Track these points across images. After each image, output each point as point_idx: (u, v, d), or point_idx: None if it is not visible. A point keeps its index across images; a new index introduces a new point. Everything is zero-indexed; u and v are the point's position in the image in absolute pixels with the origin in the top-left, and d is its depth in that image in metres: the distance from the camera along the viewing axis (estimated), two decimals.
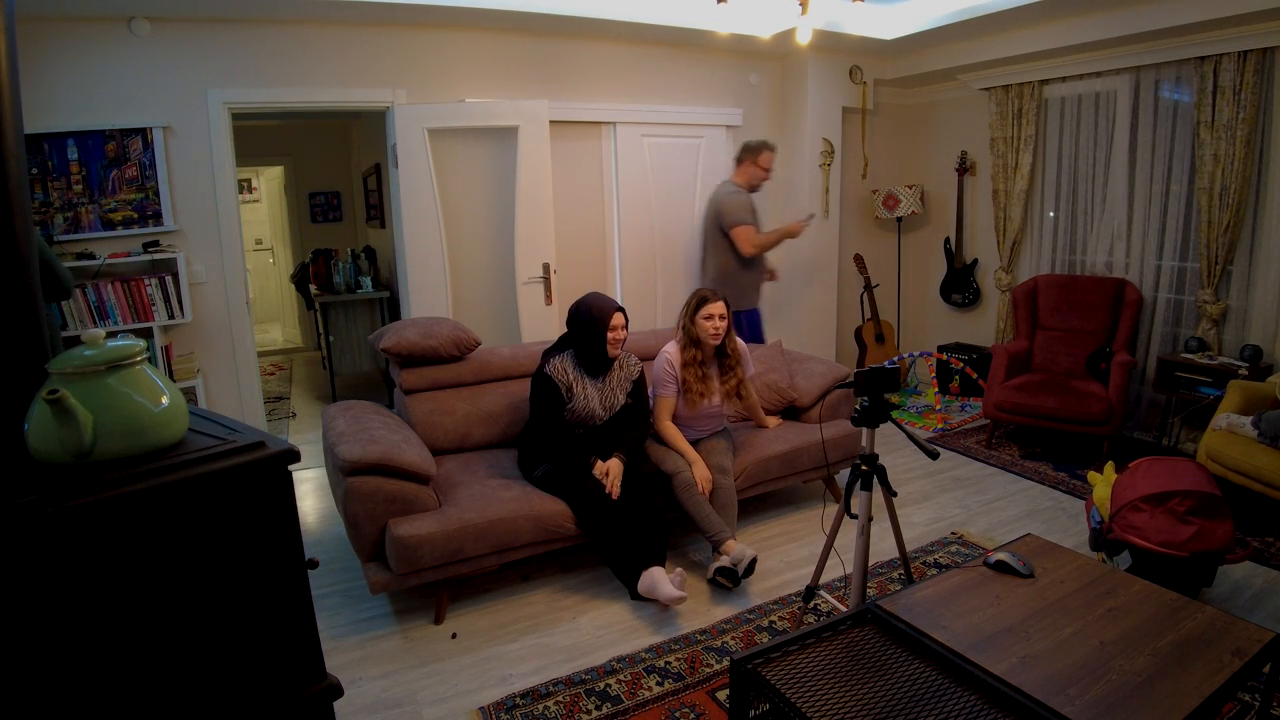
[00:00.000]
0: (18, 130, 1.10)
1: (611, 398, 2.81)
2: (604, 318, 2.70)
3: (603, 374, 2.81)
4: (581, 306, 2.77)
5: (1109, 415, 3.68)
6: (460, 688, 2.18)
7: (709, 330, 2.88)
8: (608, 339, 2.71)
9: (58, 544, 0.89)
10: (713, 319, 2.87)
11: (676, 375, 2.92)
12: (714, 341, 2.90)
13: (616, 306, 2.75)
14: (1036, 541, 2.16)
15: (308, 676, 1.18)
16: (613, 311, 2.72)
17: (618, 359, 2.83)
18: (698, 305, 2.91)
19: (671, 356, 2.93)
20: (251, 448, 1.06)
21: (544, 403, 2.74)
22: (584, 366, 2.77)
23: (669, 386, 2.93)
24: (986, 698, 1.48)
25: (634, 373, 2.89)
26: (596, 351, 2.73)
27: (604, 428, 2.81)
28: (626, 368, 2.88)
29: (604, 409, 2.79)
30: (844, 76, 4.95)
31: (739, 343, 3.04)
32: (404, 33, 3.86)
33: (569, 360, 2.77)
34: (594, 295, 2.80)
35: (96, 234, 3.40)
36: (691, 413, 2.97)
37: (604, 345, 2.71)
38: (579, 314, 2.76)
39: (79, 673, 0.93)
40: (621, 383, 2.85)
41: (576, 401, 2.74)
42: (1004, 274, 4.91)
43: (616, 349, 2.76)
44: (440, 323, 3.21)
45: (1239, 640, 1.63)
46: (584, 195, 4.53)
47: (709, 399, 2.95)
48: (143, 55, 3.39)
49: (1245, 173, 3.64)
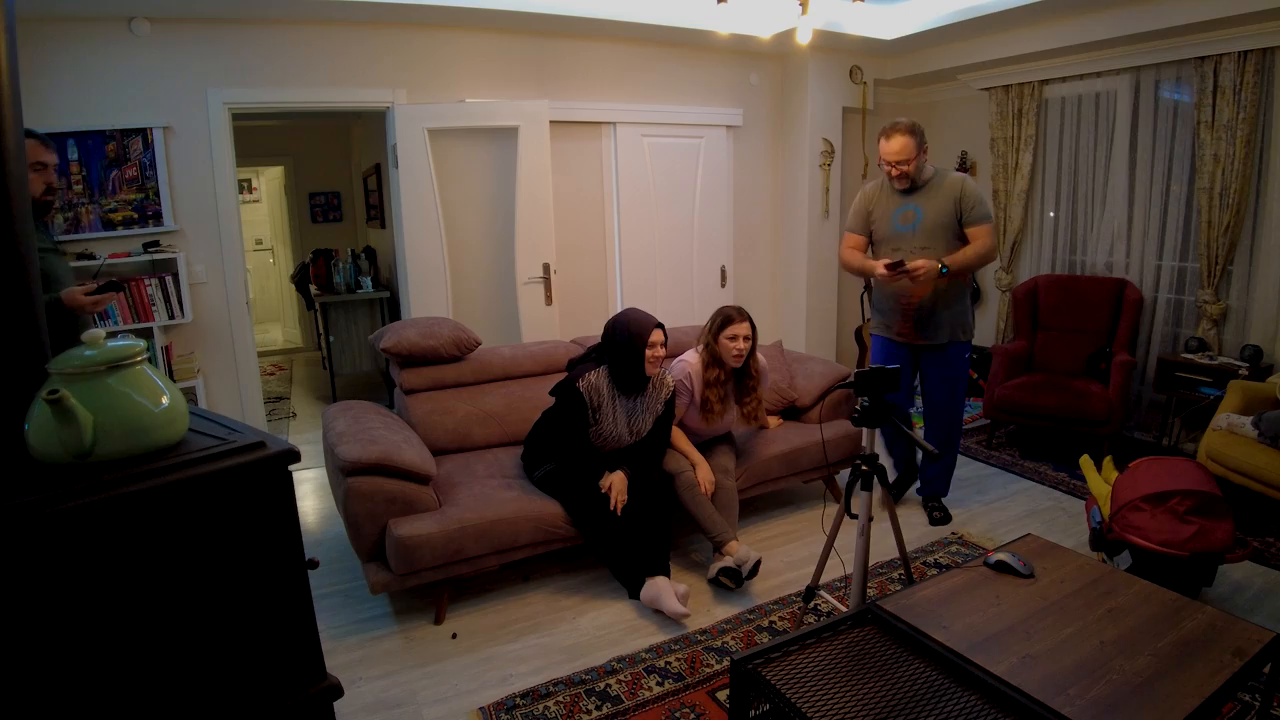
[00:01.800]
0: (18, 130, 1.10)
1: (640, 423, 2.71)
2: (643, 334, 2.59)
3: (638, 393, 2.71)
4: (620, 323, 2.65)
5: (1109, 415, 3.68)
6: (460, 688, 2.18)
7: (731, 351, 2.78)
8: (646, 357, 2.60)
9: (58, 544, 0.89)
10: (737, 340, 2.77)
11: (693, 389, 2.85)
12: (735, 364, 2.82)
13: (655, 323, 2.62)
14: (1037, 541, 2.16)
15: (308, 676, 1.18)
16: (652, 328, 2.60)
17: (654, 378, 2.74)
18: (722, 324, 2.80)
19: (692, 369, 2.86)
20: (251, 448, 1.06)
21: (569, 419, 2.62)
22: (618, 385, 2.67)
23: (683, 399, 2.87)
24: (987, 698, 1.48)
25: (666, 393, 2.78)
26: (634, 370, 2.62)
27: (627, 450, 2.73)
28: (662, 388, 2.76)
29: (631, 434, 2.71)
30: (844, 76, 4.95)
31: (761, 360, 2.95)
32: (404, 33, 3.87)
33: (604, 377, 2.66)
34: (632, 310, 2.69)
35: (97, 234, 3.40)
36: (708, 428, 2.94)
37: (642, 364, 2.61)
38: (616, 332, 2.64)
39: (79, 673, 0.93)
40: (652, 406, 2.74)
41: (604, 424, 2.65)
42: (1004, 274, 4.91)
43: (655, 367, 2.64)
44: (440, 323, 3.21)
45: (1239, 640, 1.63)
46: (584, 195, 4.53)
47: (726, 417, 2.92)
48: (143, 55, 3.39)
49: (1245, 173, 3.64)
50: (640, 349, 2.59)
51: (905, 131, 2.86)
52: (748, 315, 2.84)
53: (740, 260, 5.11)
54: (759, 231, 5.22)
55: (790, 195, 5.11)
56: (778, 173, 5.19)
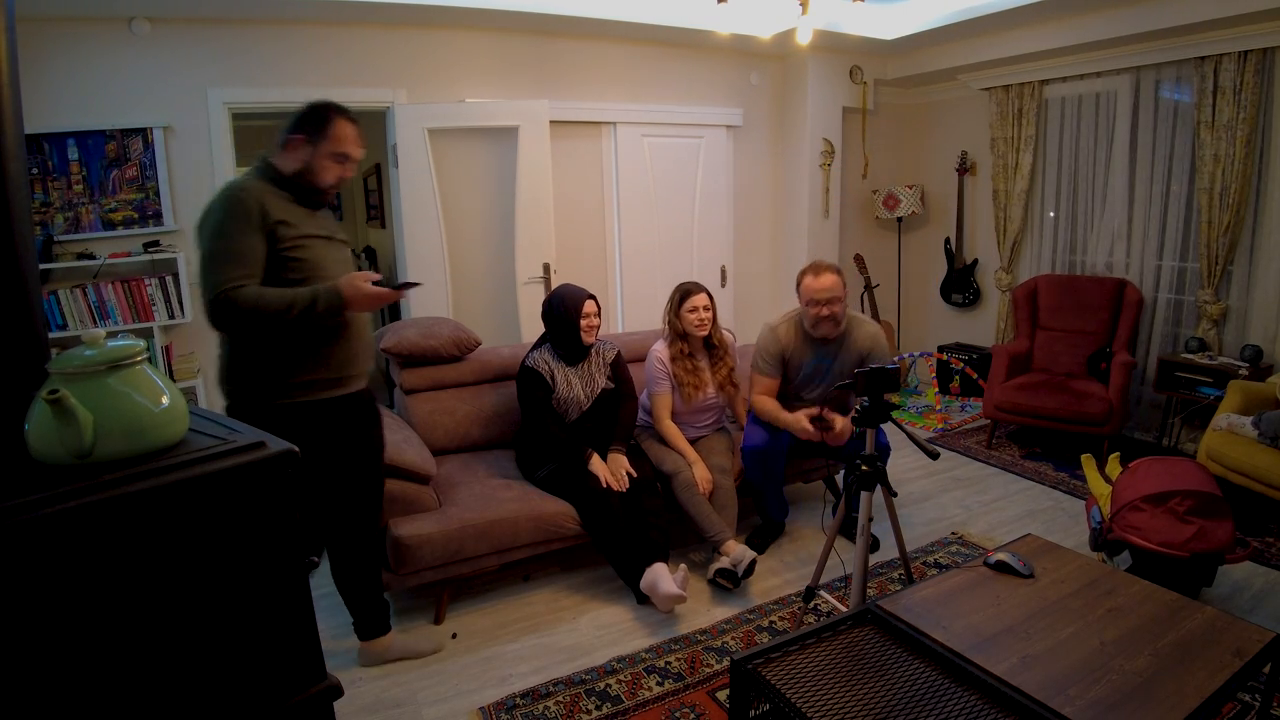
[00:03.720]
0: (18, 130, 1.10)
1: (592, 383, 2.87)
2: (576, 306, 2.78)
3: (580, 361, 2.87)
4: (554, 298, 2.84)
5: (1109, 415, 3.68)
6: (460, 688, 2.18)
7: (694, 322, 2.93)
8: (581, 326, 2.78)
9: (57, 545, 0.89)
10: (697, 310, 2.94)
11: (668, 370, 2.96)
12: (700, 333, 2.95)
13: (587, 295, 2.82)
14: (1037, 541, 2.16)
15: (308, 676, 1.18)
16: (584, 299, 2.79)
17: (593, 346, 2.90)
18: (681, 299, 2.96)
19: (660, 354, 2.98)
20: (252, 448, 1.06)
21: (531, 394, 2.80)
22: (562, 356, 2.84)
23: (663, 384, 2.96)
24: (987, 698, 1.48)
25: (610, 355, 2.95)
26: (572, 340, 2.80)
27: (590, 412, 2.86)
28: (602, 353, 2.94)
29: (586, 395, 2.86)
30: (844, 76, 4.95)
31: (725, 333, 3.10)
32: (404, 33, 3.86)
33: (547, 351, 2.85)
34: (564, 286, 2.87)
35: (97, 234, 3.39)
36: (688, 406, 2.99)
37: (578, 333, 2.78)
38: (552, 306, 2.83)
39: (79, 673, 0.93)
40: (600, 367, 2.91)
41: (560, 389, 2.81)
42: (1004, 274, 4.91)
43: (591, 336, 2.83)
44: (440, 323, 3.21)
45: (1239, 640, 1.63)
46: (584, 195, 4.53)
47: (703, 391, 2.99)
48: (143, 55, 3.38)
49: (1245, 173, 3.64)
50: (575, 320, 2.77)
51: (834, 270, 2.77)
52: (704, 288, 2.99)
53: (740, 260, 5.11)
54: (759, 231, 5.22)
55: (790, 195, 5.11)
56: (778, 173, 5.19)
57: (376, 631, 2.28)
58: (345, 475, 2.08)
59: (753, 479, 2.90)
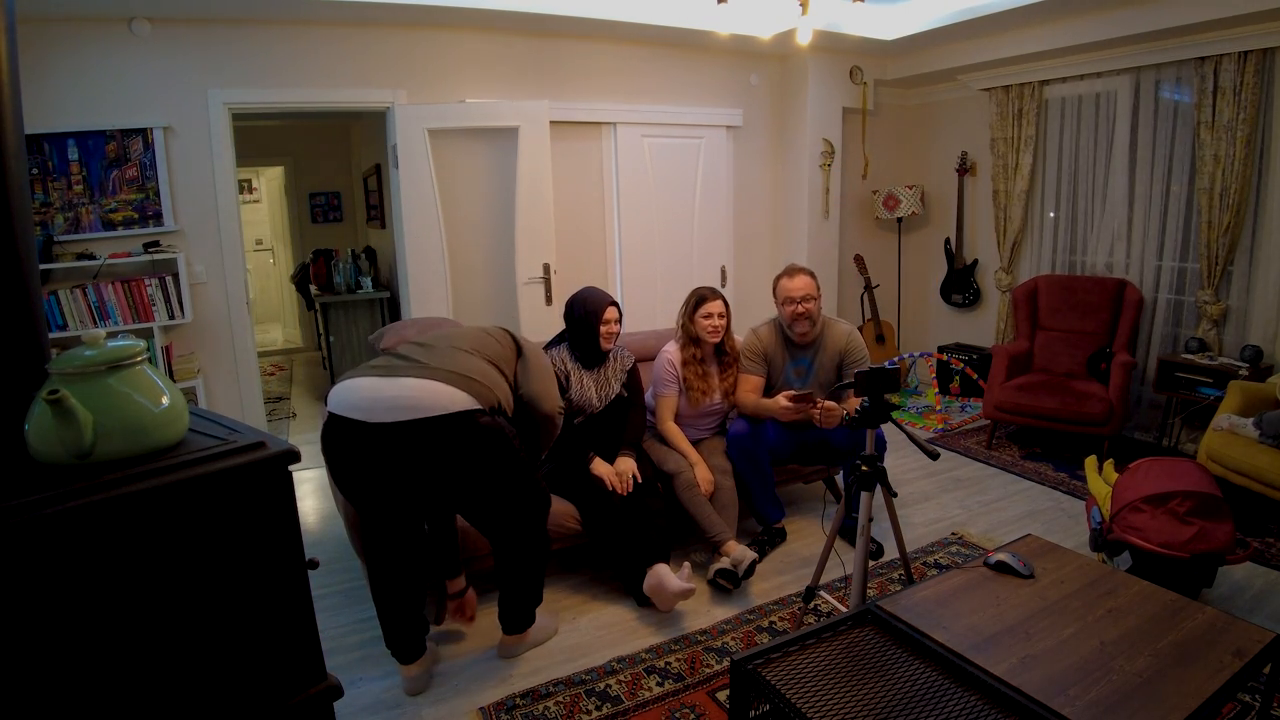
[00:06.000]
0: (18, 130, 1.10)
1: (606, 387, 2.86)
2: (598, 311, 2.75)
3: (597, 366, 2.86)
4: (576, 301, 2.82)
5: (1109, 416, 3.68)
6: (460, 688, 2.18)
7: (707, 328, 2.92)
8: (600, 333, 2.75)
9: (57, 545, 0.89)
10: (711, 317, 2.92)
11: (678, 374, 2.95)
12: (713, 340, 2.94)
13: (610, 300, 2.79)
14: (1037, 542, 2.16)
15: (308, 677, 1.18)
16: (606, 305, 2.77)
17: (611, 352, 2.88)
18: (696, 304, 2.94)
19: (672, 356, 2.97)
20: (252, 448, 1.06)
21: None
22: (579, 359, 2.82)
23: (670, 386, 2.95)
24: (987, 698, 1.48)
25: (627, 364, 2.93)
26: (590, 345, 2.78)
27: (601, 416, 2.85)
28: (620, 360, 2.92)
29: (600, 398, 2.84)
30: (844, 77, 4.95)
31: (737, 340, 3.08)
32: (404, 33, 3.87)
33: (565, 352, 2.83)
34: (588, 289, 2.85)
35: (97, 234, 3.40)
36: (694, 410, 2.98)
37: (597, 339, 2.76)
38: (573, 308, 2.81)
39: (80, 673, 0.93)
40: (616, 374, 2.89)
41: (574, 390, 2.79)
42: (1004, 274, 4.91)
43: (609, 343, 2.81)
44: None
45: (1239, 641, 1.63)
46: (584, 195, 4.53)
47: (710, 396, 2.98)
48: (143, 55, 3.39)
49: (1245, 173, 3.64)
50: (595, 324, 2.74)
51: (807, 272, 2.92)
52: (720, 294, 2.97)
53: (740, 260, 5.11)
54: (759, 232, 5.22)
55: (790, 195, 5.11)
56: (778, 173, 5.19)
57: (523, 626, 2.33)
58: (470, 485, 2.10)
59: (739, 470, 2.89)
